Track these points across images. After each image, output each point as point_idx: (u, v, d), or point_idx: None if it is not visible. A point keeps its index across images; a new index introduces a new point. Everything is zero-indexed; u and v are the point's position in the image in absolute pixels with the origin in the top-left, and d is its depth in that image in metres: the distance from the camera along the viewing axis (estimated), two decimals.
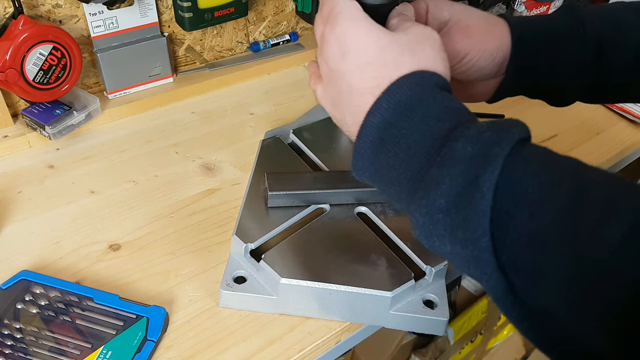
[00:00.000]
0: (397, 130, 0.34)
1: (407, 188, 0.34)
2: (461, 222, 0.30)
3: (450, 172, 0.31)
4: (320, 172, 0.61)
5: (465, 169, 0.31)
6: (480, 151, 0.31)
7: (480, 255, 0.30)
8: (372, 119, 0.35)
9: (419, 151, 0.33)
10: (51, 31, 0.62)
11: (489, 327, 1.31)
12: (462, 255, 0.32)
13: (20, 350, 0.45)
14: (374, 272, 0.50)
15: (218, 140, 0.72)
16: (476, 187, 0.30)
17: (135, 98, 0.75)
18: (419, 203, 0.33)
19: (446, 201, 0.31)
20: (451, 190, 0.31)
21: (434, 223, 0.32)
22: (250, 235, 0.53)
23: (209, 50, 0.83)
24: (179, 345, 0.48)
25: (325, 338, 0.50)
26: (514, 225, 0.29)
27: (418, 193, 0.33)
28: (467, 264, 0.32)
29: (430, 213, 0.32)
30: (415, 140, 0.33)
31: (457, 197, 0.31)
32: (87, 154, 0.68)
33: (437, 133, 0.33)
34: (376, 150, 0.35)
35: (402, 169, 0.34)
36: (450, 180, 0.31)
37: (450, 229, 0.31)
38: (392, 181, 0.35)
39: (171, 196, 0.63)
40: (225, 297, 0.50)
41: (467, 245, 0.31)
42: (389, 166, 0.35)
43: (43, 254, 0.55)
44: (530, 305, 0.30)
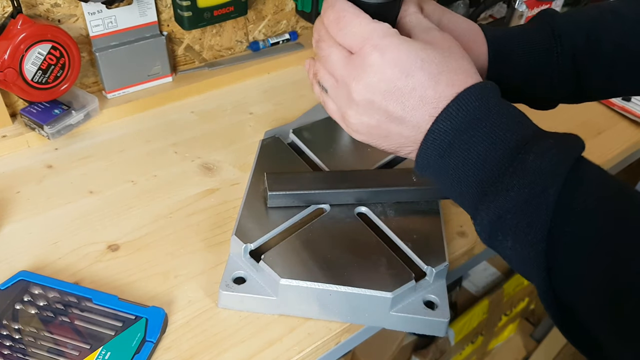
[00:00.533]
0: (467, 137, 0.36)
1: (475, 190, 0.37)
2: (526, 227, 0.34)
3: (520, 182, 0.35)
4: (320, 172, 0.61)
5: (534, 180, 0.34)
6: (548, 166, 0.34)
7: (537, 257, 0.34)
8: (442, 124, 0.37)
9: (491, 158, 0.36)
10: (50, 30, 0.62)
11: (490, 328, 1.31)
12: (520, 253, 0.35)
13: (19, 351, 0.45)
14: (374, 272, 0.50)
15: (217, 140, 0.72)
16: (542, 199, 0.34)
17: (134, 97, 0.75)
18: (488, 204, 0.36)
19: (514, 206, 0.35)
20: (519, 197, 0.35)
21: (502, 222, 0.36)
22: (250, 235, 0.52)
23: (208, 50, 0.82)
24: (178, 346, 0.48)
25: (326, 339, 0.49)
26: (564, 238, 0.33)
27: (488, 196, 0.36)
28: (522, 261, 0.36)
29: (499, 213, 0.36)
30: (486, 148, 0.36)
31: (524, 204, 0.34)
32: (86, 153, 0.68)
33: (507, 143, 0.36)
34: (444, 152, 0.38)
35: (471, 173, 0.37)
36: (519, 189, 0.35)
37: (515, 229, 0.35)
38: (458, 181, 0.38)
39: (170, 196, 0.63)
40: (224, 298, 0.50)
41: (527, 246, 0.35)
42: (457, 168, 0.38)
43: (42, 254, 0.55)
44: (566, 305, 0.34)
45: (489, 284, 1.31)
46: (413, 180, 0.57)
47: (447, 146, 0.37)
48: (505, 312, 1.33)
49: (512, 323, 1.44)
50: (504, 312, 1.32)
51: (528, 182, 0.34)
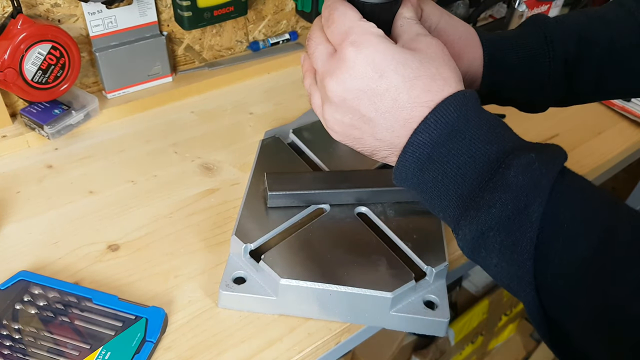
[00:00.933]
0: (446, 150, 0.36)
1: (455, 204, 0.36)
2: (511, 245, 0.34)
3: (502, 198, 0.34)
4: (320, 172, 0.61)
5: (516, 196, 0.33)
6: (530, 181, 0.33)
7: (524, 275, 0.34)
8: (420, 137, 0.36)
9: (470, 172, 0.35)
10: (50, 30, 0.62)
11: (490, 328, 1.31)
12: (506, 270, 0.35)
13: (19, 351, 0.45)
14: (374, 272, 0.50)
15: (217, 140, 0.72)
16: (525, 216, 0.33)
17: (134, 97, 0.75)
18: (470, 220, 0.35)
19: (497, 223, 0.34)
20: (502, 214, 0.34)
21: (484, 239, 0.35)
22: (250, 235, 0.52)
23: (208, 50, 0.82)
24: (178, 346, 0.48)
25: (326, 339, 0.49)
26: (551, 254, 0.33)
27: (469, 212, 0.35)
28: (509, 279, 0.35)
29: (481, 230, 0.35)
30: (465, 161, 0.36)
31: (507, 221, 0.34)
32: (86, 153, 0.68)
33: (487, 155, 0.35)
34: (423, 165, 0.37)
35: (451, 186, 0.36)
36: (501, 205, 0.34)
37: (499, 247, 0.34)
38: (438, 195, 0.37)
39: (170, 196, 0.63)
40: (224, 298, 0.50)
41: (513, 264, 0.34)
42: (436, 182, 0.37)
43: (42, 254, 0.55)
44: (555, 320, 0.34)
45: (489, 284, 1.31)
46: None
47: (425, 159, 0.37)
48: (505, 312, 1.33)
49: (512, 323, 1.44)
50: (504, 312, 1.32)
51: (510, 198, 0.34)
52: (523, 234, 0.33)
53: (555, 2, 1.05)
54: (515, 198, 0.33)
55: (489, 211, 0.34)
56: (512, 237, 0.34)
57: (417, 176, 0.38)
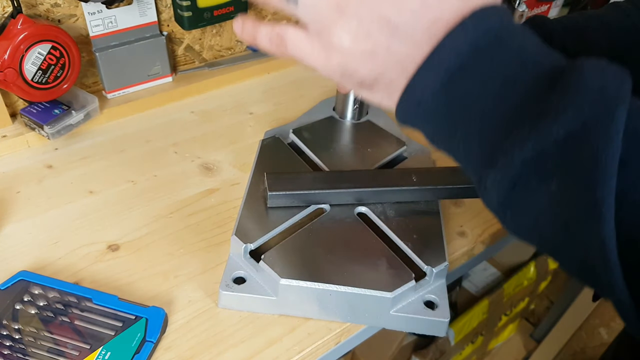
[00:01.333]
0: (487, 57, 0.29)
1: (499, 123, 0.29)
2: (588, 158, 0.26)
3: (576, 100, 0.27)
4: (320, 172, 0.61)
5: (595, 98, 0.26)
6: (612, 85, 0.27)
7: (605, 197, 0.26)
8: (456, 41, 0.29)
9: (522, 82, 0.28)
10: (50, 30, 0.62)
11: (490, 328, 1.31)
12: (573, 198, 0.27)
13: (19, 351, 0.45)
14: (374, 272, 0.50)
15: (217, 140, 0.72)
16: (610, 122, 0.26)
17: (134, 97, 0.75)
18: (521, 138, 0.28)
19: (567, 133, 0.26)
20: (576, 120, 0.26)
21: (544, 160, 0.27)
22: (250, 235, 0.52)
23: (208, 50, 0.82)
24: (178, 346, 0.48)
25: (326, 339, 0.49)
26: (635, 167, 0.26)
27: (522, 129, 0.28)
28: (576, 207, 0.27)
29: (540, 148, 0.27)
30: (514, 70, 0.29)
31: (583, 130, 0.26)
32: (86, 153, 0.68)
33: (541, 66, 0.29)
34: (451, 79, 0.30)
35: (492, 102, 0.29)
36: (574, 110, 0.26)
37: (566, 166, 0.27)
38: (471, 116, 0.30)
39: (170, 196, 0.63)
40: (224, 298, 0.50)
41: (590, 186, 0.26)
42: (470, 98, 0.29)
43: (42, 254, 0.55)
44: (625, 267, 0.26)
45: (489, 284, 1.31)
46: (413, 180, 0.57)
47: (456, 69, 0.30)
48: (505, 312, 1.33)
49: (512, 323, 1.44)
50: (504, 312, 1.32)
51: (589, 100, 0.26)
52: (607, 142, 0.26)
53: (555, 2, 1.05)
54: (594, 100, 0.26)
55: (557, 118, 0.27)
56: (588, 149, 0.26)
57: (438, 97, 0.30)
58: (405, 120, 0.33)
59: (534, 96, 0.28)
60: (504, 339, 1.46)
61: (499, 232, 0.62)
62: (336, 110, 0.70)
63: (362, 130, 0.68)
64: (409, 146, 0.66)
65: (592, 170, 0.26)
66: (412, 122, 0.33)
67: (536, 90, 0.28)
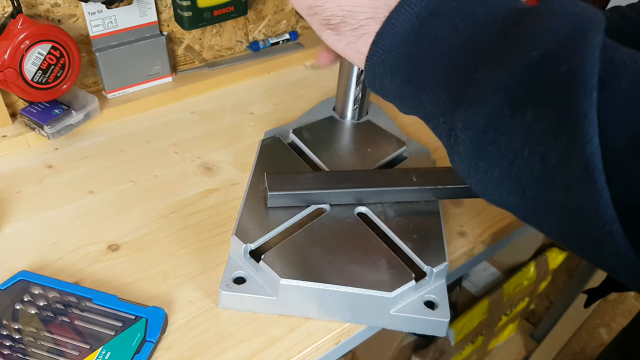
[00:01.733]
0: (456, 2, 0.28)
1: (468, 59, 0.28)
2: (564, 75, 0.25)
3: (549, 24, 0.26)
4: (320, 172, 0.61)
5: (569, 21, 0.26)
6: (584, 12, 0.26)
7: (587, 111, 0.24)
8: None
9: (492, 19, 0.28)
10: (50, 30, 0.62)
11: (490, 328, 1.31)
12: (552, 121, 0.25)
13: (19, 351, 0.45)
14: (375, 272, 0.50)
15: (217, 140, 0.72)
16: (585, 39, 0.25)
17: (134, 97, 0.75)
18: (495, 68, 0.26)
19: (542, 53, 0.25)
20: (550, 40, 0.25)
21: (517, 85, 0.26)
22: (250, 235, 0.52)
23: (208, 50, 0.82)
24: (178, 346, 0.48)
25: (326, 339, 0.49)
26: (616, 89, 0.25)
27: (491, 57, 0.27)
28: (555, 131, 0.25)
29: (513, 73, 0.26)
30: (484, 10, 0.28)
31: (558, 47, 0.25)
32: (86, 153, 0.68)
33: (511, 5, 0.28)
34: (422, 24, 0.29)
35: (461, 40, 0.28)
36: (548, 31, 0.26)
37: (541, 88, 0.25)
38: (440, 59, 0.29)
39: (170, 196, 0.63)
40: (224, 298, 0.50)
41: (569, 102, 0.25)
42: (439, 41, 0.28)
43: (42, 254, 0.55)
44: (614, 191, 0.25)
45: (489, 284, 1.31)
46: (413, 180, 0.57)
47: (427, 15, 0.29)
48: (505, 312, 1.33)
49: (512, 323, 1.44)
50: (504, 312, 1.32)
51: (561, 24, 0.25)
52: (584, 59, 0.24)
53: None
54: (568, 23, 0.26)
55: (530, 41, 0.26)
56: (563, 65, 0.25)
57: (407, 43, 0.29)
58: (375, 77, 0.31)
59: (504, 32, 0.27)
60: (504, 339, 1.46)
61: (499, 232, 0.62)
62: (336, 110, 0.70)
63: (362, 130, 0.68)
64: (409, 146, 0.66)
65: (571, 86, 0.24)
66: (382, 78, 0.31)
67: (506, 27, 0.27)
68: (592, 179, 0.24)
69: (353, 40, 0.32)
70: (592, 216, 0.25)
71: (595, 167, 0.24)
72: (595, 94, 0.24)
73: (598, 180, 0.24)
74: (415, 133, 0.71)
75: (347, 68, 0.64)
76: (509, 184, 0.28)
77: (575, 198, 0.25)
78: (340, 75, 0.65)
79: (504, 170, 0.27)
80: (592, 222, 0.25)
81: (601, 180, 0.24)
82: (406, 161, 0.65)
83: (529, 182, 0.27)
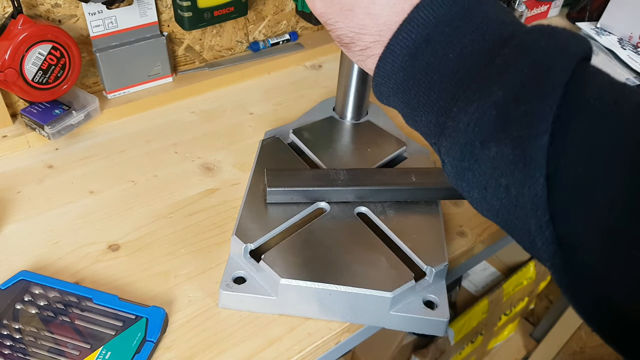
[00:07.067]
0: (450, 29, 0.30)
1: (452, 90, 0.30)
2: (521, 117, 0.27)
3: (518, 61, 0.27)
4: (320, 169, 0.61)
5: (537, 58, 0.27)
6: (555, 44, 0.27)
7: (534, 155, 0.26)
8: (423, 12, 0.30)
9: (477, 50, 0.29)
10: (50, 31, 0.62)
11: (490, 328, 1.31)
12: (508, 157, 0.27)
13: (19, 351, 0.45)
14: (374, 272, 0.50)
15: (217, 140, 0.72)
16: (547, 79, 0.26)
17: (134, 98, 0.75)
18: (468, 103, 0.28)
19: (505, 93, 0.27)
20: (515, 80, 0.27)
21: (484, 122, 0.28)
22: (250, 235, 0.52)
23: (208, 50, 0.82)
24: (179, 346, 0.48)
25: (325, 339, 0.50)
26: (572, 130, 0.26)
27: (467, 92, 0.29)
28: (511, 167, 0.27)
29: (481, 110, 0.28)
30: (472, 39, 0.29)
31: (521, 89, 0.27)
32: (86, 154, 0.68)
33: (500, 34, 0.29)
34: (417, 50, 0.31)
35: (449, 70, 0.30)
36: (515, 70, 0.27)
37: (502, 127, 0.27)
38: (431, 86, 0.30)
39: (170, 196, 0.63)
40: (224, 298, 0.50)
41: (522, 143, 0.26)
42: (431, 69, 0.30)
43: (42, 254, 0.55)
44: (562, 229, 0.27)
45: (489, 283, 1.31)
46: (412, 180, 0.57)
47: (422, 42, 0.30)
48: (505, 311, 1.33)
49: (512, 323, 1.44)
50: (503, 311, 1.32)
51: (529, 61, 0.27)
52: (542, 101, 0.26)
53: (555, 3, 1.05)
54: (536, 61, 0.27)
55: (499, 79, 0.27)
56: (524, 106, 0.26)
57: (405, 68, 0.31)
58: (381, 94, 0.34)
59: (485, 65, 0.29)
60: (503, 338, 1.46)
61: (498, 232, 0.62)
62: (336, 110, 0.70)
63: (362, 131, 0.68)
64: (409, 146, 0.66)
65: (524, 128, 0.26)
66: (387, 96, 0.33)
67: (488, 59, 0.29)
68: (537, 216, 0.27)
69: (362, 59, 0.34)
70: (539, 249, 0.28)
71: (540, 206, 0.26)
72: (545, 137, 0.26)
73: (541, 218, 0.27)
74: (415, 133, 0.71)
75: (347, 68, 0.64)
76: (486, 205, 0.30)
77: (529, 229, 0.28)
78: (340, 76, 0.66)
79: (480, 193, 0.30)
80: (540, 254, 0.28)
81: (544, 218, 0.26)
82: (406, 161, 0.65)
83: (500, 207, 0.29)
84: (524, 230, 0.28)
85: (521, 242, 0.30)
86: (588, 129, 0.26)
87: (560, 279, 0.28)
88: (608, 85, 0.27)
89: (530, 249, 0.30)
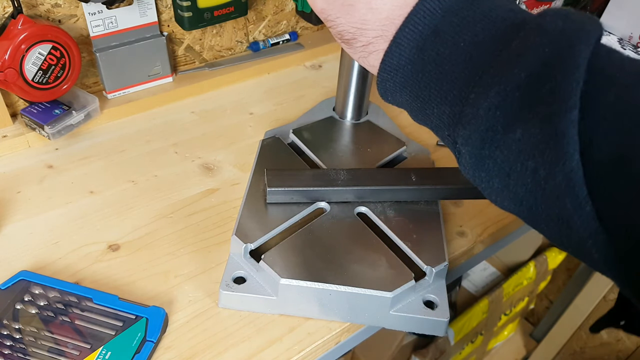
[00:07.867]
0: (458, 19, 0.30)
1: (466, 77, 0.29)
2: (547, 95, 0.26)
3: (537, 42, 0.27)
4: (320, 169, 0.61)
5: (556, 38, 0.27)
6: (573, 25, 0.27)
7: (566, 131, 0.25)
8: (427, 4, 0.30)
9: (490, 37, 0.29)
10: (50, 31, 0.62)
11: (490, 328, 1.31)
12: (537, 137, 0.27)
13: (19, 351, 0.45)
14: (374, 272, 0.50)
15: (217, 140, 0.72)
16: (570, 56, 0.26)
17: (134, 98, 0.75)
18: (487, 88, 0.28)
19: (528, 74, 0.27)
20: (537, 60, 0.27)
21: (507, 105, 0.27)
22: (250, 235, 0.52)
23: (208, 50, 0.82)
24: (179, 346, 0.48)
25: (325, 339, 0.50)
26: (602, 103, 0.26)
27: (485, 78, 0.28)
28: (541, 147, 0.26)
29: (504, 94, 0.27)
30: (483, 27, 0.29)
31: (544, 68, 0.27)
32: (86, 154, 0.68)
33: (511, 19, 0.29)
34: (425, 41, 0.30)
35: (461, 59, 0.29)
36: (535, 50, 0.27)
37: (528, 107, 0.27)
38: (442, 76, 0.30)
39: (170, 196, 0.63)
40: (224, 298, 0.50)
41: (552, 120, 0.26)
42: (442, 59, 0.30)
43: (42, 254, 0.55)
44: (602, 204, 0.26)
45: (489, 283, 1.31)
46: (412, 180, 0.57)
47: (430, 33, 0.30)
48: (505, 311, 1.33)
49: (512, 323, 1.44)
50: (503, 311, 1.32)
51: (548, 41, 0.27)
52: (566, 76, 0.26)
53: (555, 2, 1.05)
54: (555, 40, 0.27)
55: (518, 62, 0.27)
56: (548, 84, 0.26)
57: (413, 61, 0.31)
58: (386, 91, 0.33)
59: (500, 51, 0.28)
60: (503, 338, 1.46)
61: (498, 232, 0.62)
62: (336, 110, 0.70)
63: (362, 131, 0.68)
64: (409, 146, 0.66)
65: (551, 105, 0.26)
66: (392, 92, 0.33)
67: (502, 45, 0.28)
68: (574, 193, 0.26)
69: (365, 55, 0.34)
70: (579, 228, 0.27)
71: (576, 183, 0.26)
72: (575, 112, 0.25)
73: (579, 195, 0.26)
74: (415, 133, 0.72)
75: (347, 68, 0.64)
76: (508, 194, 0.29)
77: (564, 209, 0.27)
78: (340, 75, 0.66)
79: (502, 182, 0.29)
80: (579, 234, 0.27)
81: (582, 194, 0.26)
82: (406, 161, 0.65)
83: (525, 193, 0.28)
84: (552, 214, 0.27)
85: (548, 229, 0.29)
86: (618, 101, 0.26)
87: (606, 256, 0.26)
88: (627, 60, 0.27)
89: (560, 235, 0.28)
